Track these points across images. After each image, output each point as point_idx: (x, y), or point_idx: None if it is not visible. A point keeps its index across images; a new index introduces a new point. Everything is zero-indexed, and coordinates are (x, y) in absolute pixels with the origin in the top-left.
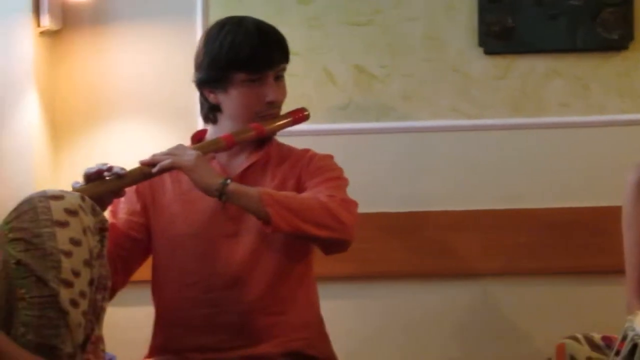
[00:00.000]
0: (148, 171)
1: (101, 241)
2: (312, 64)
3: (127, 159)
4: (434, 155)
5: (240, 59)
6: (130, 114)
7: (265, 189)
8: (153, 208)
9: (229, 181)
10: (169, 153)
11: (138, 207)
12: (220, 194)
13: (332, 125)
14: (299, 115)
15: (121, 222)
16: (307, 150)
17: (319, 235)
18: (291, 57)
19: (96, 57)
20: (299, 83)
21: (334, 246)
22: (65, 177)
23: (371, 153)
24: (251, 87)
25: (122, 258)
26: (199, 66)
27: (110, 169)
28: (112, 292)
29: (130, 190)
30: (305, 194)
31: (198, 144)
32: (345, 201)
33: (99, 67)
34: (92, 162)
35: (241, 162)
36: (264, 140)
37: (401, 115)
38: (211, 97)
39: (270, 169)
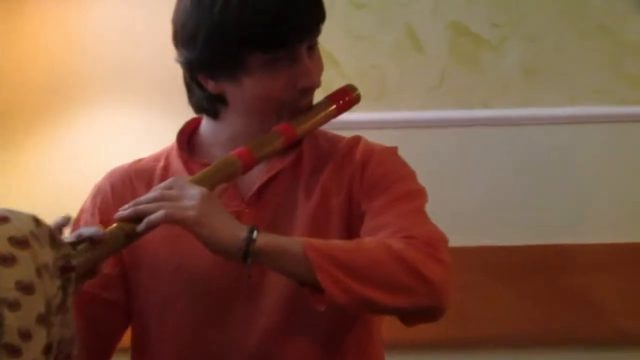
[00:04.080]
0: (131, 230)
1: (64, 287)
2: (386, 20)
3: (101, 164)
4: (572, 158)
5: (256, 33)
6: (105, 98)
7: (310, 241)
8: (131, 252)
9: (255, 234)
10: (161, 197)
11: None
12: (245, 254)
13: (415, 113)
14: (344, 100)
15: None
16: (356, 139)
17: (395, 306)
18: (359, 10)
19: (57, 18)
20: (365, 48)
21: (418, 316)
22: (12, 188)
23: (473, 156)
24: (274, 71)
25: (92, 332)
26: (188, 41)
27: (63, 223)
28: None
29: (92, 224)
30: (368, 241)
31: (201, 173)
32: (430, 242)
33: (61, 31)
34: (51, 165)
35: (258, 171)
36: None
37: (521, 99)
38: (210, 86)
39: (304, 179)
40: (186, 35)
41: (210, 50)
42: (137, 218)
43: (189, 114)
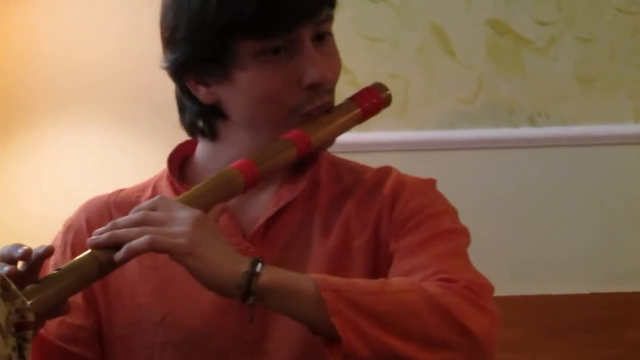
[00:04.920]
0: (107, 260)
1: (20, 348)
2: (410, 17)
3: (64, 182)
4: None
5: (244, 15)
6: (81, 110)
7: (325, 278)
8: (105, 295)
9: (259, 267)
10: (144, 221)
11: (79, 297)
12: (246, 293)
13: (444, 132)
14: (373, 101)
15: (53, 329)
16: (387, 171)
17: None
18: (377, 5)
19: (17, 28)
20: (384, 52)
21: None
22: None
23: (516, 183)
24: (272, 64)
25: None
26: (170, 41)
27: (28, 256)
28: None
29: (62, 258)
30: (397, 282)
31: (191, 191)
32: (472, 288)
33: (29, 32)
34: (10, 184)
35: (264, 202)
36: (304, 157)
37: (575, 113)
38: (202, 93)
39: (321, 214)
40: (168, 33)
41: (194, 43)
42: (114, 245)
43: (158, 129)
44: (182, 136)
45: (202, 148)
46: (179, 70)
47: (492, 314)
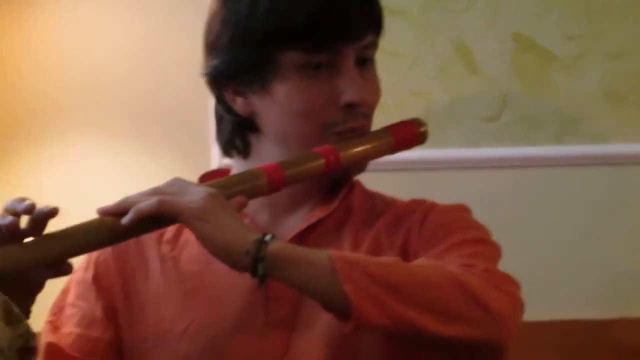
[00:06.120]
0: (114, 225)
1: None
2: (431, 32)
3: (66, 200)
4: None
5: (292, 25)
6: (90, 130)
7: (338, 252)
8: (127, 309)
9: (268, 237)
10: (157, 191)
11: (99, 309)
12: (255, 261)
13: (467, 151)
14: (408, 135)
15: (69, 341)
16: (420, 202)
17: (447, 335)
18: (396, 18)
19: (28, 27)
20: (405, 69)
21: (472, 354)
22: None
23: (541, 204)
24: (313, 79)
25: None
26: (213, 46)
27: (31, 210)
28: None
29: (83, 277)
30: (418, 261)
31: (215, 181)
32: (493, 272)
33: (33, 44)
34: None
35: (297, 220)
36: (338, 183)
37: (604, 131)
38: (238, 104)
39: (351, 232)
40: (211, 39)
41: (236, 50)
42: (122, 212)
43: (160, 144)
44: (193, 152)
45: (236, 169)
46: (219, 78)
47: (513, 297)
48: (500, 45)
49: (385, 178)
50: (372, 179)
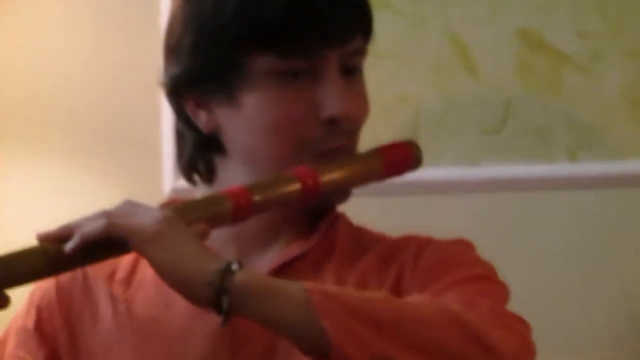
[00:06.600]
0: (56, 252)
1: None
2: (422, 27)
3: (14, 225)
4: None
5: (264, 24)
6: (20, 145)
7: (316, 285)
8: (73, 357)
9: (235, 265)
10: (104, 214)
11: (41, 357)
12: (219, 293)
13: (464, 170)
14: (400, 158)
15: None
16: (413, 237)
17: None
18: (380, 12)
19: None
20: (391, 70)
21: None
22: None
23: (552, 232)
24: (290, 88)
25: None
26: (173, 51)
27: None
28: None
29: (23, 324)
30: (411, 297)
31: (171, 207)
32: (498, 310)
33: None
34: None
35: (270, 256)
36: (319, 214)
37: (627, 145)
38: (201, 118)
39: (333, 267)
40: (172, 42)
41: (200, 55)
42: (67, 236)
43: (103, 162)
44: (142, 172)
45: (198, 195)
46: (180, 87)
47: (523, 339)
48: (503, 42)
49: (366, 203)
50: (351, 204)
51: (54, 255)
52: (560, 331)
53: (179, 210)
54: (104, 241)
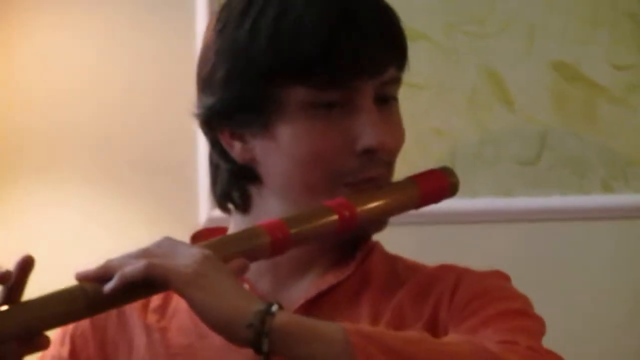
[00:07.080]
0: (95, 293)
1: None
2: (456, 59)
3: (56, 268)
4: None
5: (299, 57)
6: (55, 176)
7: (355, 325)
8: None
9: (274, 307)
10: (144, 254)
11: None
12: (259, 336)
13: (500, 200)
14: (436, 187)
15: None
16: (449, 268)
17: None
18: (416, 43)
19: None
20: (426, 102)
21: None
22: None
23: (588, 263)
24: (325, 120)
25: None
26: (206, 82)
27: (6, 278)
28: None
29: (58, 353)
30: (449, 337)
31: (208, 241)
32: (537, 350)
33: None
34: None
35: (305, 286)
36: (354, 243)
37: None
38: (236, 149)
39: (369, 299)
40: (205, 73)
41: (235, 86)
42: (106, 277)
43: (138, 192)
44: (178, 202)
45: (233, 226)
46: (214, 119)
47: None
48: (538, 75)
49: (402, 232)
50: (386, 233)
51: (93, 296)
52: (603, 354)
53: (217, 245)
54: (144, 281)
